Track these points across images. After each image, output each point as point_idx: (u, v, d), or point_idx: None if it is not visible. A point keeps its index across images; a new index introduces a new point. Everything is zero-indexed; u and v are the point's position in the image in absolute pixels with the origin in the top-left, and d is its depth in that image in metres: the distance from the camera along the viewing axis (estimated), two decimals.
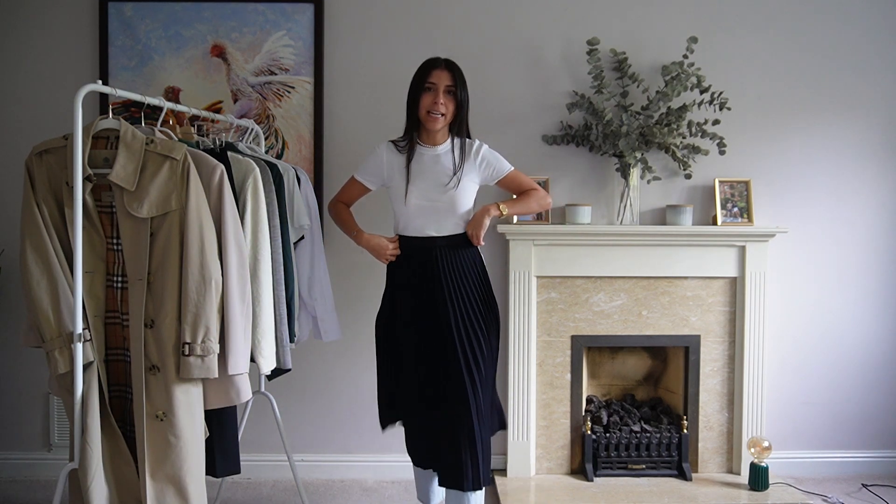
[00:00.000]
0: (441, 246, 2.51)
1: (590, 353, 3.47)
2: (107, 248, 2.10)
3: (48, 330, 2.02)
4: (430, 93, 2.47)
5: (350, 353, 3.38)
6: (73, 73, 3.29)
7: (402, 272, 2.57)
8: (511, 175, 2.62)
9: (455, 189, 2.49)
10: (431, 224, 2.51)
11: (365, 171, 2.63)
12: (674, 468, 3.32)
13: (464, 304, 2.48)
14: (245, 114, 3.29)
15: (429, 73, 2.48)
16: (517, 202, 2.63)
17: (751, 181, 3.35)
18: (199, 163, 2.12)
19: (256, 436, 3.29)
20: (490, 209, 2.53)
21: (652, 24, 3.36)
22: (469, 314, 2.48)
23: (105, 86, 2.09)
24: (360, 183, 2.64)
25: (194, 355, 2.03)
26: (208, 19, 3.28)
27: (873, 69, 3.40)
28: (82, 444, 1.98)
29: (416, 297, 2.52)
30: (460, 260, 2.51)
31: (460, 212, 2.52)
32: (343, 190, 2.70)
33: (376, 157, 2.59)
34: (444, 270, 2.49)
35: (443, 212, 2.50)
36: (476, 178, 2.57)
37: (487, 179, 2.61)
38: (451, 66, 2.50)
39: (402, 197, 2.52)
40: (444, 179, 2.50)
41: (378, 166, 2.59)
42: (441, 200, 2.50)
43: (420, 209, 2.50)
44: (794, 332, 3.46)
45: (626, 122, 3.17)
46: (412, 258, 2.54)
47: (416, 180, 2.50)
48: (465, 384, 2.42)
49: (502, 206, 2.56)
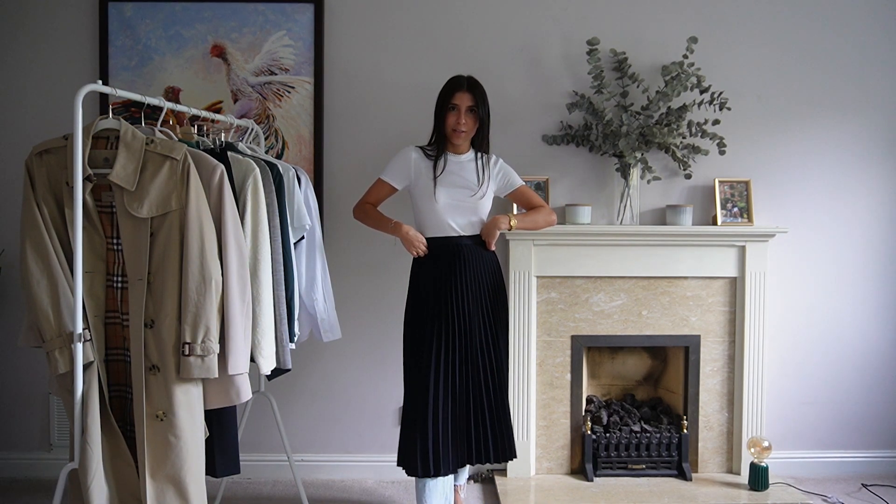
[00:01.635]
0: (466, 244, 2.72)
1: (590, 353, 3.47)
2: (107, 248, 2.10)
3: (48, 330, 2.02)
4: (454, 112, 2.69)
5: (350, 353, 3.38)
6: (73, 73, 3.29)
7: (429, 269, 2.71)
8: (521, 189, 2.87)
9: (479, 192, 2.73)
10: (458, 221, 2.71)
11: (392, 172, 2.77)
12: (674, 468, 3.32)
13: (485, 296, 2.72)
14: (245, 114, 3.29)
15: (452, 94, 2.69)
16: (526, 217, 2.82)
17: (751, 181, 3.35)
18: (199, 163, 2.12)
19: (256, 436, 3.29)
20: (502, 223, 2.73)
21: (652, 24, 3.36)
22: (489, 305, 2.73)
23: (105, 86, 2.09)
24: (388, 183, 2.78)
25: (194, 355, 2.03)
26: (208, 19, 3.29)
27: (873, 70, 3.41)
28: (82, 444, 1.98)
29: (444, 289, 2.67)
30: (482, 257, 2.74)
31: (482, 215, 2.76)
32: (370, 192, 2.82)
33: (404, 158, 2.76)
34: (469, 265, 2.69)
35: (468, 212, 2.72)
36: (494, 186, 2.81)
37: (500, 190, 2.85)
38: (472, 88, 2.70)
39: (430, 195, 2.69)
40: (470, 185, 2.73)
41: (406, 167, 2.74)
42: (467, 201, 2.72)
43: (448, 207, 2.69)
44: (794, 332, 3.47)
45: (626, 122, 3.17)
46: (440, 257, 2.70)
47: (444, 181, 2.70)
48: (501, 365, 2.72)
49: (513, 221, 2.75)
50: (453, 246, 2.70)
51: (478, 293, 2.70)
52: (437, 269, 2.69)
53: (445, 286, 2.66)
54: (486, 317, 2.71)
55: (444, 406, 2.60)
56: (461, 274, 2.67)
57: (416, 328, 2.72)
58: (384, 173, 2.78)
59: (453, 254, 2.69)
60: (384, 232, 2.77)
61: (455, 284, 2.66)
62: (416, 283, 2.75)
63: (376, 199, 2.81)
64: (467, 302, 2.67)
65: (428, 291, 2.69)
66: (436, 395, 2.59)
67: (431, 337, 2.64)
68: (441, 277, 2.68)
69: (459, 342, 2.65)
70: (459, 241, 2.71)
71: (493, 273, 2.77)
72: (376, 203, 2.82)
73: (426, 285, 2.70)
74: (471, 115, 2.69)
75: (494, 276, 2.77)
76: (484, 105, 2.71)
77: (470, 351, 2.66)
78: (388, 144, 3.25)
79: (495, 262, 2.80)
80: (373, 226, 2.81)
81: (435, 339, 2.64)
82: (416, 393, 2.65)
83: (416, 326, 2.71)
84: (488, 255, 2.76)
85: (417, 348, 2.69)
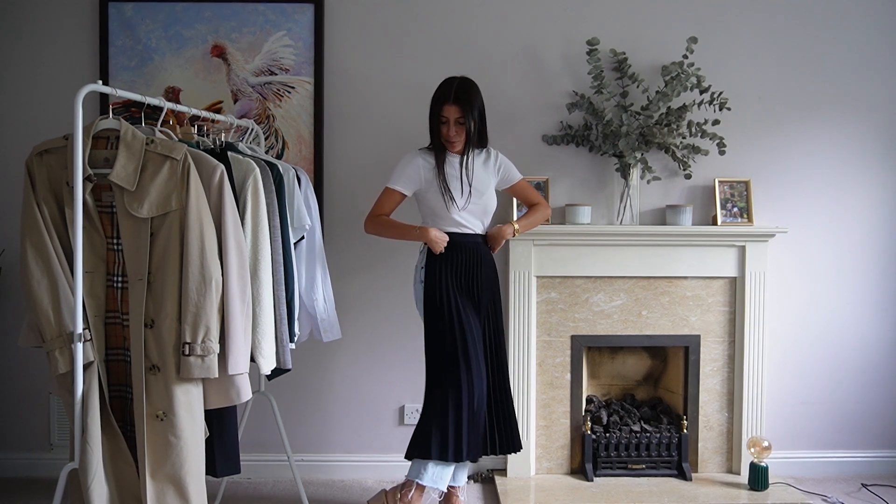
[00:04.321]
0: (479, 242, 2.81)
1: (590, 353, 3.47)
2: (107, 248, 2.10)
3: (48, 330, 2.02)
4: (445, 125, 2.72)
5: (350, 353, 3.38)
6: (73, 73, 3.29)
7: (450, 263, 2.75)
8: (520, 184, 2.94)
9: (488, 190, 2.80)
10: (475, 219, 2.78)
11: (400, 179, 2.77)
12: (674, 468, 3.32)
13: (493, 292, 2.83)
14: (245, 114, 3.29)
15: (441, 107, 2.71)
16: (527, 221, 2.93)
17: (751, 181, 3.35)
18: (200, 163, 2.12)
19: (256, 436, 3.29)
20: (507, 232, 2.84)
21: (652, 24, 3.36)
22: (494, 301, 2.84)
23: (105, 86, 2.09)
24: (397, 191, 2.78)
25: (194, 355, 2.03)
26: (208, 19, 3.29)
27: (873, 69, 3.41)
28: (82, 444, 1.98)
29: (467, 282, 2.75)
30: (489, 257, 2.84)
31: (490, 212, 2.84)
32: (379, 204, 2.80)
33: (411, 164, 2.77)
34: (484, 262, 2.80)
35: (479, 212, 2.79)
36: (495, 180, 2.86)
37: (501, 184, 2.90)
38: (458, 98, 2.69)
39: (441, 197, 2.73)
40: (476, 183, 2.77)
41: (415, 172, 2.76)
42: (478, 203, 2.78)
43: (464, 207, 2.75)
44: (794, 332, 3.47)
45: (626, 122, 3.17)
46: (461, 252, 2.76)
47: (452, 182, 2.74)
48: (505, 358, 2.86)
49: (517, 227, 2.86)
50: (471, 243, 2.78)
51: (490, 289, 2.80)
52: (459, 263, 2.75)
53: (468, 280, 2.75)
54: (493, 313, 2.83)
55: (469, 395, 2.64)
56: (479, 268, 2.77)
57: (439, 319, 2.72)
58: (392, 182, 2.77)
59: (472, 250, 2.77)
60: (407, 240, 2.79)
61: (476, 278, 2.76)
62: (436, 278, 2.74)
63: (388, 209, 2.80)
64: (485, 296, 2.78)
65: (449, 284, 2.73)
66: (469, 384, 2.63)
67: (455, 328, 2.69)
68: (463, 271, 2.75)
69: (479, 333, 2.74)
70: (476, 238, 2.79)
71: (496, 274, 2.87)
72: (389, 213, 2.80)
73: (446, 278, 2.73)
74: (460, 127, 2.71)
75: (497, 277, 2.88)
76: (473, 111, 2.70)
77: (486, 342, 2.78)
78: (389, 144, 3.25)
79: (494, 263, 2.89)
80: (394, 236, 2.82)
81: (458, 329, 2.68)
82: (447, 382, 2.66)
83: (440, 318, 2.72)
84: (491, 256, 2.86)
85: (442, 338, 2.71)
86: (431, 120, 2.75)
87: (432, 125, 2.75)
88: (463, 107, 2.68)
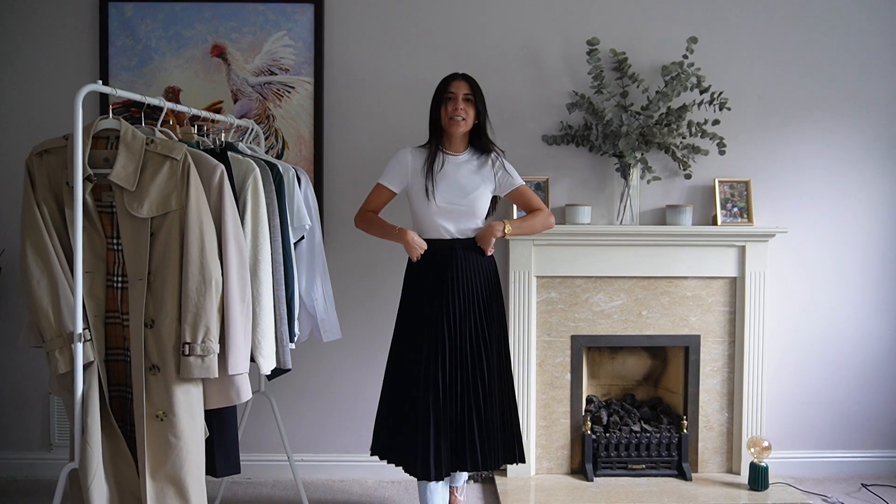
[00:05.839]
0: (458, 248, 2.66)
1: (590, 353, 3.47)
2: (107, 248, 2.10)
3: (48, 330, 2.02)
4: (451, 101, 2.65)
5: (350, 353, 3.38)
6: (73, 73, 3.29)
7: (421, 272, 2.67)
8: (521, 190, 2.77)
9: (475, 194, 2.66)
10: (452, 225, 2.66)
11: (389, 175, 2.73)
12: (674, 468, 3.32)
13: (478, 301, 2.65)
14: (245, 114, 3.29)
15: (448, 84, 2.68)
16: (523, 222, 2.76)
17: (750, 181, 3.35)
18: (200, 163, 2.12)
19: (256, 436, 3.29)
20: (497, 229, 2.67)
21: (652, 24, 3.36)
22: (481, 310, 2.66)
23: (105, 86, 2.09)
24: (386, 188, 2.73)
25: (194, 355, 2.03)
26: (208, 19, 3.29)
27: (873, 69, 3.41)
28: (82, 444, 1.98)
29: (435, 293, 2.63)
30: (476, 262, 2.68)
31: (478, 216, 2.70)
32: (369, 199, 2.77)
33: (400, 161, 2.72)
34: (461, 270, 2.64)
35: (463, 215, 2.66)
36: (491, 185, 2.73)
37: (499, 190, 2.77)
38: (468, 78, 2.70)
39: (425, 198, 2.64)
40: (466, 185, 2.67)
41: (403, 169, 2.70)
42: (462, 204, 2.65)
43: (443, 210, 2.64)
44: (794, 332, 3.47)
45: (626, 122, 3.17)
46: (432, 261, 2.65)
47: (439, 183, 2.65)
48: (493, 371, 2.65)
49: (508, 227, 2.69)
50: (446, 249, 2.65)
51: (469, 298, 2.63)
52: (428, 273, 2.65)
53: (436, 290, 2.62)
54: (477, 322, 2.64)
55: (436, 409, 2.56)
56: (452, 278, 2.62)
57: (406, 330, 2.69)
58: (381, 177, 2.73)
59: (445, 257, 2.64)
60: (389, 239, 2.70)
61: (446, 289, 2.62)
62: (408, 286, 2.73)
63: (376, 205, 2.75)
64: (458, 307, 2.61)
65: (420, 294, 2.66)
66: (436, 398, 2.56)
67: (422, 340, 2.60)
68: (432, 281, 2.64)
69: (450, 346, 2.59)
70: (452, 244, 2.65)
71: (487, 279, 2.70)
72: (377, 210, 2.75)
73: (418, 288, 2.68)
74: (468, 103, 2.65)
75: (489, 282, 2.70)
76: (481, 98, 2.69)
77: (459, 355, 2.60)
78: (389, 144, 3.24)
79: (492, 267, 2.73)
80: (377, 234, 2.74)
81: (425, 342, 2.60)
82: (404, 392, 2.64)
83: (407, 329, 2.69)
84: (484, 261, 2.70)
85: (406, 349, 2.67)
86: (434, 105, 2.70)
87: (434, 111, 2.70)
88: (472, 84, 2.68)
